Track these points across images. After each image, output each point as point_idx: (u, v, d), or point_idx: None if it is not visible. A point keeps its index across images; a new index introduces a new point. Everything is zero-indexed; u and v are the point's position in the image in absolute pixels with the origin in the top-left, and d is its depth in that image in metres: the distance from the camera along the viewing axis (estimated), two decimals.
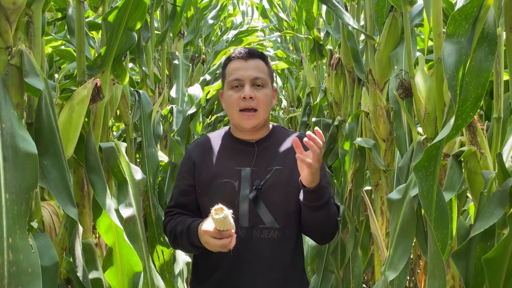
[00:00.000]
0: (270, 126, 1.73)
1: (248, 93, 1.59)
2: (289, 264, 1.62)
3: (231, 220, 1.39)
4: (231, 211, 1.39)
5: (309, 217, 1.56)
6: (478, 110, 1.13)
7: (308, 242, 2.83)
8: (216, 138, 1.73)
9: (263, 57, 1.68)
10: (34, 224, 1.18)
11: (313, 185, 1.48)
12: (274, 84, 1.75)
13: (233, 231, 1.42)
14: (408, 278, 2.78)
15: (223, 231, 1.40)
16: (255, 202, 1.57)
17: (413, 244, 1.47)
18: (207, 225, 1.45)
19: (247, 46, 1.78)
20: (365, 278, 3.85)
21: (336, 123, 3.19)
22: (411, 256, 3.05)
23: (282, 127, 1.78)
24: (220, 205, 1.37)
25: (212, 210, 1.37)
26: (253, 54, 1.66)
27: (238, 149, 1.67)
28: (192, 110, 3.50)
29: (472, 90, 1.09)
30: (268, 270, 1.58)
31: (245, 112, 1.60)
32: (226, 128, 1.78)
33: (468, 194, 1.67)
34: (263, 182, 1.59)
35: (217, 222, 1.37)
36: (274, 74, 1.77)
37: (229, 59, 1.69)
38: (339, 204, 2.04)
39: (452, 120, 1.10)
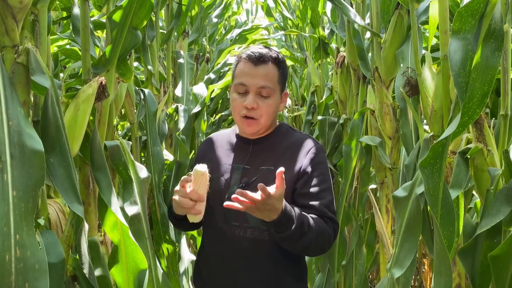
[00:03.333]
0: (277, 123, 1.67)
1: (250, 104, 1.52)
2: (277, 268, 1.54)
3: (207, 182, 1.41)
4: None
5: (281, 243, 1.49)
6: (484, 108, 1.12)
7: None
8: (225, 133, 1.73)
9: (276, 61, 1.57)
10: (41, 221, 1.19)
11: (270, 219, 1.38)
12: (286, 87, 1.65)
13: (204, 199, 1.43)
14: (413, 276, 2.77)
15: (191, 194, 1.41)
16: None
17: (418, 242, 1.46)
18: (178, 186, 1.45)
19: (259, 46, 1.64)
20: (370, 277, 3.84)
21: (341, 121, 3.18)
22: (417, 255, 3.03)
23: (289, 126, 1.71)
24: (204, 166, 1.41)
25: (196, 166, 1.40)
26: (264, 59, 1.54)
27: (236, 146, 1.65)
28: (196, 109, 3.50)
29: (478, 87, 1.08)
30: (251, 270, 1.53)
31: (246, 119, 1.56)
32: None
33: (474, 192, 1.66)
34: (251, 181, 1.54)
35: (196, 173, 1.39)
36: None
37: (239, 58, 1.60)
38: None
39: (458, 117, 1.09)
